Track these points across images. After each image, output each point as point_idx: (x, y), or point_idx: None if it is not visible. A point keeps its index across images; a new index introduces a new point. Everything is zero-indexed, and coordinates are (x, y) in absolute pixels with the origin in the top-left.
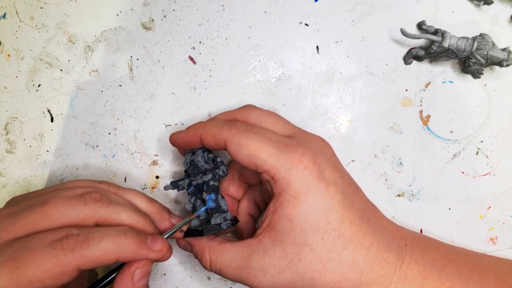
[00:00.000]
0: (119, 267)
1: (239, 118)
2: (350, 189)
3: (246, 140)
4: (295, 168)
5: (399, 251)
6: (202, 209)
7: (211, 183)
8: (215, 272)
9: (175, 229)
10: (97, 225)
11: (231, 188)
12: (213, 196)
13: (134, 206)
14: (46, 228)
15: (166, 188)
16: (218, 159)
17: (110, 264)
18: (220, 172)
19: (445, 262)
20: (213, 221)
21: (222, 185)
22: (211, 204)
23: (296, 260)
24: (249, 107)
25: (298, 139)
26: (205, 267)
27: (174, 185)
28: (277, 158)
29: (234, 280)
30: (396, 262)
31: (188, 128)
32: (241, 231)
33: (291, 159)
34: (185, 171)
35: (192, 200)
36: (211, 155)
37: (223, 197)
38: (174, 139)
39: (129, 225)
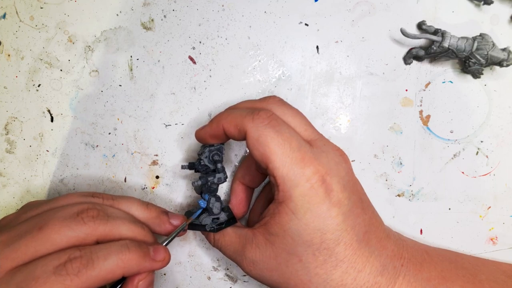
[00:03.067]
0: (122, 279)
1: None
2: (356, 210)
3: (265, 137)
4: (301, 186)
5: (393, 273)
6: (198, 212)
7: (209, 183)
8: (217, 249)
9: (173, 236)
10: (97, 242)
11: (247, 178)
12: (206, 197)
13: (132, 217)
14: (47, 252)
15: (182, 167)
16: (219, 165)
17: (117, 279)
18: (215, 180)
19: (439, 282)
20: (201, 221)
21: (238, 173)
22: (202, 204)
23: (284, 265)
24: (273, 100)
25: (316, 150)
26: (210, 243)
27: (191, 166)
28: (287, 171)
29: (231, 260)
30: (387, 285)
31: (212, 120)
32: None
33: (299, 176)
34: (199, 154)
35: (200, 182)
36: (216, 157)
37: (217, 200)
38: (199, 135)
39: (130, 237)
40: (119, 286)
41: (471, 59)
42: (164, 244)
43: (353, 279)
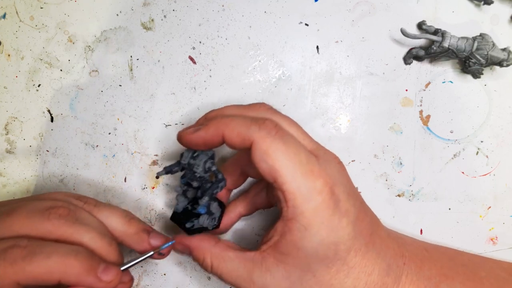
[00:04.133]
0: None
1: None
2: (361, 215)
3: (273, 150)
4: (313, 200)
5: (397, 272)
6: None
7: (208, 191)
8: (215, 276)
9: (133, 263)
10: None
11: (229, 180)
12: (205, 203)
13: (104, 228)
14: (2, 237)
15: (159, 174)
16: (220, 176)
17: (53, 284)
18: (219, 190)
19: (440, 279)
20: (201, 222)
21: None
22: (202, 211)
23: (298, 283)
24: (264, 107)
25: (321, 161)
26: (205, 270)
27: (169, 170)
28: (299, 185)
29: (234, 286)
30: (393, 285)
31: (208, 125)
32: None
33: (311, 190)
34: (181, 155)
35: (184, 188)
36: (213, 168)
37: (215, 200)
38: (189, 139)
39: (89, 248)
40: None
41: (471, 59)
42: (124, 267)
43: (364, 283)
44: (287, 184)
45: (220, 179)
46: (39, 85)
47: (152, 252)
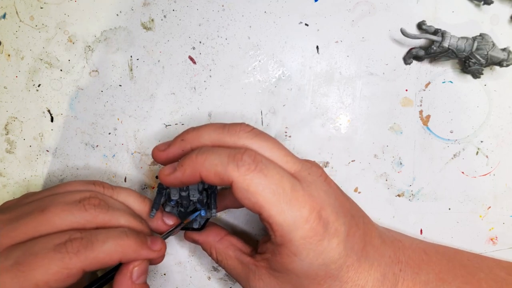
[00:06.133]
0: (117, 266)
1: (237, 146)
2: (351, 230)
3: (255, 186)
4: (300, 229)
5: (393, 280)
6: (195, 215)
7: (205, 201)
8: (221, 267)
9: (169, 233)
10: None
11: (228, 202)
12: (203, 209)
13: (130, 209)
14: (47, 233)
15: (151, 216)
16: (216, 189)
17: (113, 265)
18: (212, 214)
19: (437, 284)
20: (204, 216)
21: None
22: (203, 214)
23: None
24: (245, 130)
25: (305, 185)
26: (213, 260)
27: (157, 207)
28: (285, 217)
29: (235, 279)
30: None
31: (183, 165)
32: None
33: (298, 219)
34: (160, 186)
35: (173, 209)
36: (206, 185)
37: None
38: (167, 180)
39: (128, 228)
40: (112, 274)
41: (471, 59)
42: (162, 236)
43: None
44: (273, 217)
45: (214, 204)
46: (39, 85)
47: (188, 220)
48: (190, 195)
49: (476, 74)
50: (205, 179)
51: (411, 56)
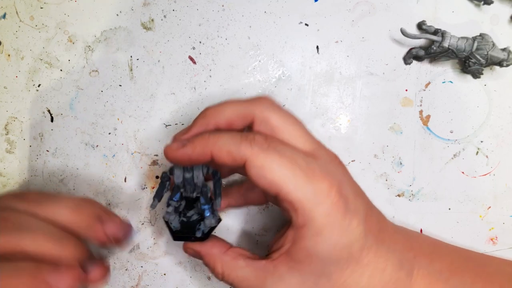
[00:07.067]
0: None
1: (257, 116)
2: (369, 212)
3: (269, 163)
4: (322, 204)
5: (409, 266)
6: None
7: (209, 195)
8: (226, 283)
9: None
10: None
11: (231, 200)
12: (209, 206)
13: (48, 227)
14: None
15: (153, 206)
16: (219, 174)
17: None
18: (221, 185)
19: (450, 273)
20: (208, 223)
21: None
22: (208, 214)
23: None
24: (267, 104)
25: (321, 162)
26: (216, 277)
27: (160, 197)
28: (304, 192)
29: None
30: (406, 279)
31: (194, 141)
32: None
33: (319, 194)
34: (163, 176)
35: (175, 205)
36: (211, 170)
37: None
38: (174, 156)
39: (33, 252)
40: None
41: (471, 59)
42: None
43: (379, 280)
44: (292, 193)
45: (215, 172)
46: (39, 85)
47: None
48: (194, 176)
49: (476, 74)
50: (217, 158)
51: (411, 56)
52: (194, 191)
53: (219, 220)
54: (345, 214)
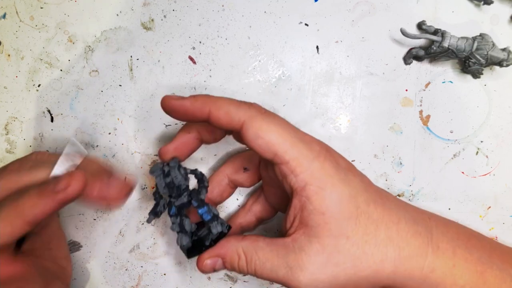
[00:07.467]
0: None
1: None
2: (361, 173)
3: (267, 125)
4: (316, 159)
5: (426, 224)
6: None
7: (201, 197)
8: (251, 274)
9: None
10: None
11: (215, 191)
12: (205, 208)
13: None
14: None
15: (149, 221)
16: (198, 171)
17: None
18: (206, 184)
19: (468, 236)
20: (214, 231)
21: (225, 169)
22: (208, 217)
23: (335, 252)
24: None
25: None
26: (241, 270)
27: (155, 214)
28: (299, 149)
29: (270, 280)
30: (426, 234)
31: (195, 97)
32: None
33: (312, 151)
34: (155, 193)
35: (178, 220)
36: (188, 170)
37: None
38: (172, 105)
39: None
40: None
41: (471, 59)
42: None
43: (396, 232)
44: (289, 152)
45: (200, 173)
46: (39, 85)
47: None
48: (172, 178)
49: (476, 74)
50: (214, 116)
51: (411, 56)
52: (181, 194)
53: (228, 227)
54: (339, 169)
